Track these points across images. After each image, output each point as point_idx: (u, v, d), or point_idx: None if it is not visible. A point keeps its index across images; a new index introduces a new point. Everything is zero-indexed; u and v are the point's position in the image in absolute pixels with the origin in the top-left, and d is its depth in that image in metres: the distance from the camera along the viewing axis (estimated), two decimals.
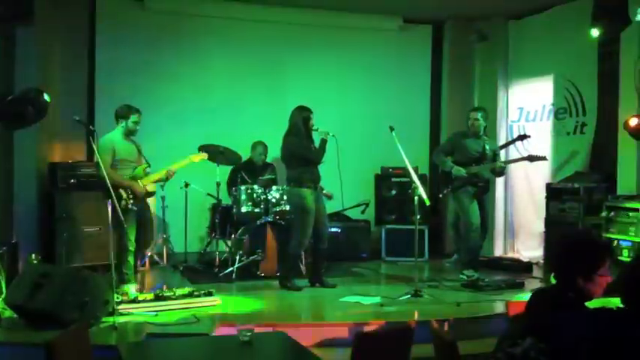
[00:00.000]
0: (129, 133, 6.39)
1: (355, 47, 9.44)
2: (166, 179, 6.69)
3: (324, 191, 7.07)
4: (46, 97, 5.43)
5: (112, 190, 5.48)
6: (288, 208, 7.23)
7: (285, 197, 7.35)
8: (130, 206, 6.14)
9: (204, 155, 7.03)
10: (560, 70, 8.45)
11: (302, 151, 6.73)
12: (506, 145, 8.74)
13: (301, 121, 6.77)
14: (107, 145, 6.29)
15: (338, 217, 8.71)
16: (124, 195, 6.16)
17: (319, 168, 6.89)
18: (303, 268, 7.42)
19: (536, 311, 2.76)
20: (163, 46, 8.67)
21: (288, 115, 6.92)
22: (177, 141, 8.22)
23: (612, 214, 6.84)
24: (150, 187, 6.50)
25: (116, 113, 6.43)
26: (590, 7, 7.26)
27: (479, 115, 7.37)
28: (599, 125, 7.89)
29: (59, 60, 7.99)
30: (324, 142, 6.77)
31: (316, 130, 6.78)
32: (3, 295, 5.58)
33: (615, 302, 2.63)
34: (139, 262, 6.61)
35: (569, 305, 2.70)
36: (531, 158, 7.30)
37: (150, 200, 6.97)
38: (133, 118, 6.36)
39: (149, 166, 6.52)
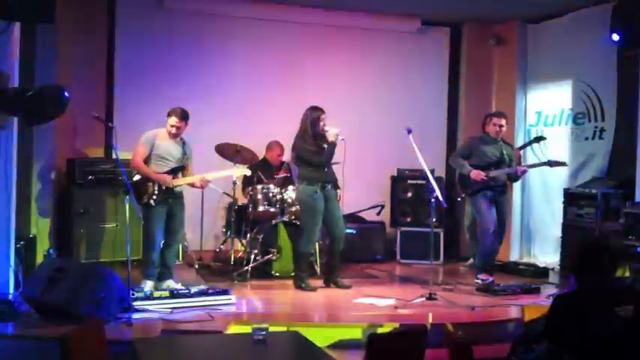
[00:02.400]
0: (169, 134, 6.42)
1: (373, 48, 9.43)
2: (200, 187, 6.72)
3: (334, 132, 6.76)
4: (66, 93, 5.46)
5: (130, 185, 5.54)
6: None
7: None
8: (151, 202, 6.17)
9: (247, 171, 7.03)
10: (579, 74, 8.39)
11: (305, 153, 6.72)
12: (522, 148, 8.69)
13: (310, 122, 6.76)
14: (149, 137, 6.36)
15: (353, 218, 8.70)
16: (150, 190, 6.19)
17: (333, 168, 6.88)
18: (317, 268, 7.43)
19: (558, 315, 2.76)
20: (182, 46, 8.70)
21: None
22: (195, 139, 8.24)
23: (630, 220, 6.78)
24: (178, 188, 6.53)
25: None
26: (609, 12, 7.22)
27: (504, 121, 7.29)
28: (618, 131, 7.82)
29: (79, 58, 8.04)
30: (332, 144, 6.73)
31: (326, 131, 6.74)
32: (20, 289, 5.64)
33: None
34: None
35: (590, 309, 2.69)
36: (551, 163, 7.24)
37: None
38: (170, 120, 6.41)
39: (184, 169, 6.54)
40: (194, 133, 8.35)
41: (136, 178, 6.21)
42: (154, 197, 6.21)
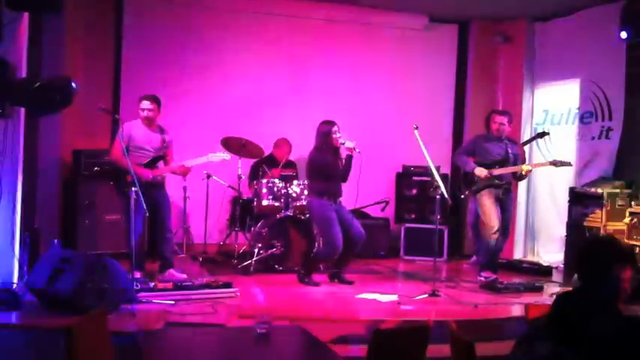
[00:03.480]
0: (145, 121, 6.45)
1: (380, 45, 9.41)
2: (181, 174, 6.74)
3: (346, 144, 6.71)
4: (73, 84, 5.47)
5: (135, 177, 5.54)
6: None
7: (305, 192, 7.37)
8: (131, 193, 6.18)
9: (226, 156, 6.99)
10: (587, 73, 8.36)
11: (326, 168, 6.71)
12: (526, 143, 8.65)
13: (322, 135, 6.75)
14: (125, 129, 6.41)
15: (357, 214, 8.69)
16: (130, 181, 6.20)
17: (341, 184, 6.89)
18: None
19: (560, 314, 2.76)
20: (190, 39, 8.70)
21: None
22: (201, 133, 8.29)
23: (635, 220, 6.77)
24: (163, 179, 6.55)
25: None
26: (618, 11, 7.19)
27: (506, 119, 7.28)
28: (625, 130, 7.80)
29: (86, 49, 8.06)
30: (349, 158, 6.73)
31: (342, 144, 6.72)
32: (24, 279, 5.66)
33: None
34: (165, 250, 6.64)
35: (593, 308, 2.69)
36: (556, 163, 7.21)
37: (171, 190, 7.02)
38: (141, 104, 6.48)
39: (163, 158, 6.55)
40: (201, 126, 8.43)
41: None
42: (135, 189, 6.22)
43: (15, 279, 5.73)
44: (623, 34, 6.87)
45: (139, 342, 3.44)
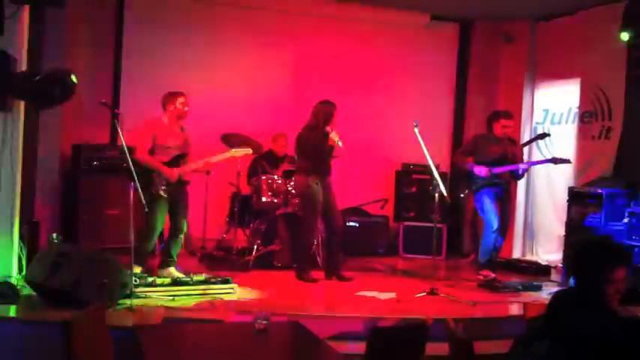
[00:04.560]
0: (179, 117, 6.44)
1: (382, 42, 9.40)
2: (204, 171, 6.73)
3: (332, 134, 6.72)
4: (73, 78, 5.47)
5: (134, 173, 5.52)
6: None
7: None
8: (161, 192, 6.18)
9: (248, 150, 6.98)
10: (587, 73, 8.35)
11: (314, 148, 6.74)
12: (527, 144, 8.65)
13: (322, 116, 6.74)
14: (149, 127, 6.36)
15: (356, 211, 8.70)
16: (156, 180, 6.18)
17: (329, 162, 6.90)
18: (319, 260, 7.42)
19: (556, 312, 2.77)
20: (191, 34, 8.68)
21: (310, 107, 6.92)
22: (201, 128, 8.26)
23: (634, 221, 6.77)
24: (186, 176, 6.53)
25: (162, 100, 6.49)
26: (620, 12, 7.19)
27: (512, 123, 7.33)
28: (625, 130, 7.80)
29: (87, 43, 8.05)
30: (331, 148, 6.74)
31: (328, 133, 6.68)
32: (23, 273, 5.66)
33: None
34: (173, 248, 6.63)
35: (588, 306, 2.70)
36: (555, 160, 7.23)
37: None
38: (179, 99, 6.44)
39: (185, 156, 6.53)
40: (200, 123, 8.40)
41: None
42: (163, 187, 6.21)
43: (14, 272, 5.72)
44: (625, 36, 6.88)
45: (136, 338, 3.43)
